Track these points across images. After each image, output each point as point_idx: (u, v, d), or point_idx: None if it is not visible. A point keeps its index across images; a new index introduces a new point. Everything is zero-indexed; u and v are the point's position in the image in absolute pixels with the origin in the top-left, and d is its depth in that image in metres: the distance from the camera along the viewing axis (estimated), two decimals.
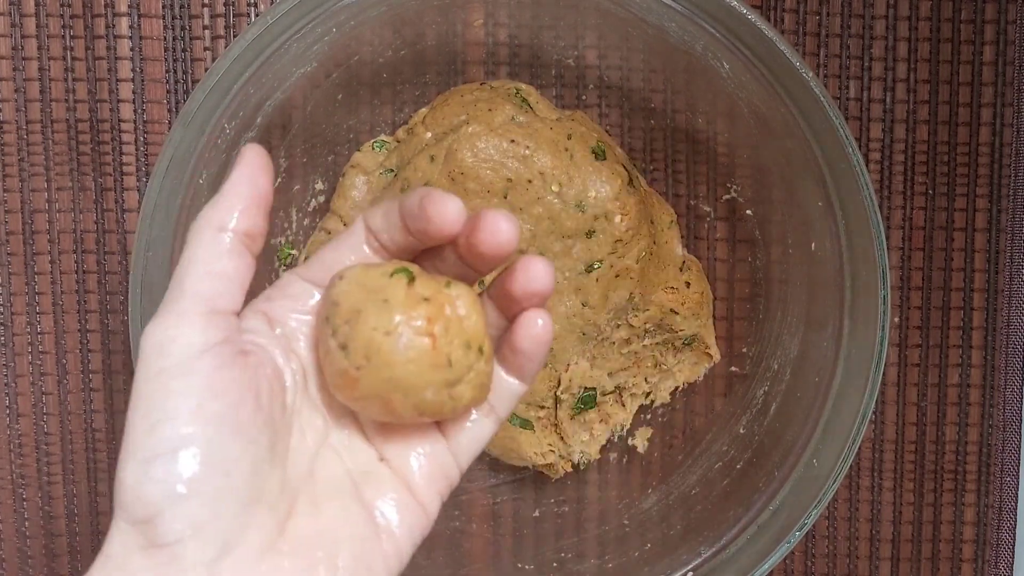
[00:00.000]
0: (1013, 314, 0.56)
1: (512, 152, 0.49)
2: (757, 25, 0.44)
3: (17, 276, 0.54)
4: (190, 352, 0.33)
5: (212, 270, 0.34)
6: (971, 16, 0.54)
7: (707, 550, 0.50)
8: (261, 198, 0.35)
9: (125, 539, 0.32)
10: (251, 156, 0.35)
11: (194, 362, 0.33)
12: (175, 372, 0.33)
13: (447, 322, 0.34)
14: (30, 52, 0.53)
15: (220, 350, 0.33)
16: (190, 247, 0.34)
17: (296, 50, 0.46)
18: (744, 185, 0.54)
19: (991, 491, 0.56)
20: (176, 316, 0.33)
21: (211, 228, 0.34)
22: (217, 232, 0.34)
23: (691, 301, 0.52)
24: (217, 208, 0.35)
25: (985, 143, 0.55)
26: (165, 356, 0.33)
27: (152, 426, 0.32)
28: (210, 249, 0.34)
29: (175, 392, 0.32)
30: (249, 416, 0.33)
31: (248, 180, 0.35)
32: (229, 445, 0.32)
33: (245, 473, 0.33)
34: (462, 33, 0.53)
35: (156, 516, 0.32)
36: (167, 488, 0.32)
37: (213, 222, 0.34)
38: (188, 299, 0.34)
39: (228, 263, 0.34)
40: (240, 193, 0.35)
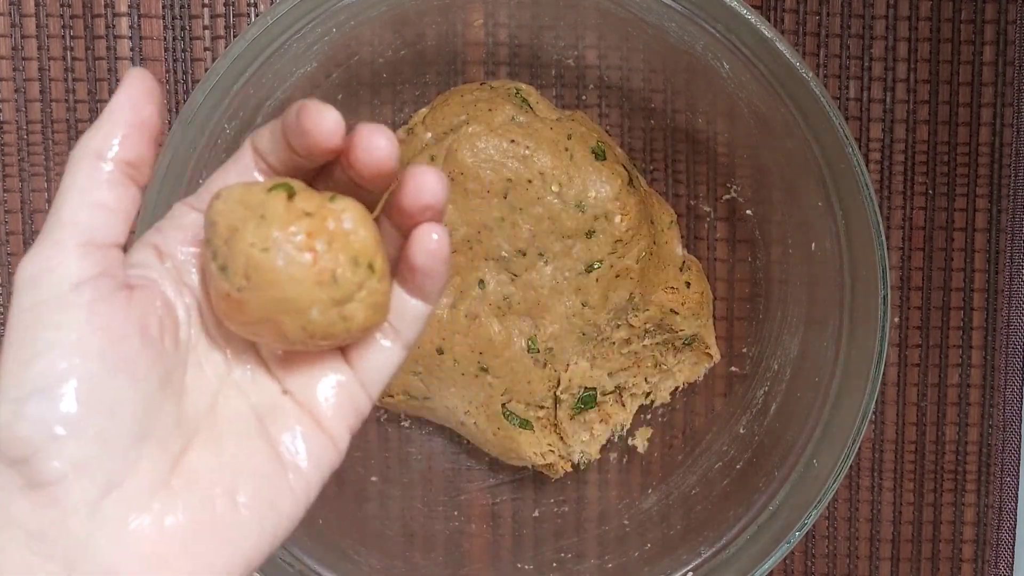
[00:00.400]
0: (1013, 314, 0.56)
1: (512, 152, 0.49)
2: (757, 25, 0.44)
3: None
4: (66, 284, 0.31)
5: (91, 200, 0.32)
6: (971, 16, 0.54)
7: (707, 550, 0.50)
8: (145, 125, 0.33)
9: (3, 481, 0.31)
10: (133, 80, 0.33)
11: (71, 295, 0.31)
12: (51, 305, 0.31)
13: (331, 237, 0.32)
14: (30, 52, 0.53)
15: (99, 283, 0.31)
16: (68, 175, 0.32)
17: (296, 50, 0.46)
18: (744, 185, 0.54)
19: (991, 491, 0.56)
20: (51, 247, 0.31)
21: (89, 156, 0.32)
22: (95, 160, 0.32)
23: (691, 301, 0.52)
24: (95, 135, 0.32)
25: (985, 143, 0.55)
26: (40, 288, 0.31)
27: (26, 361, 0.30)
28: (89, 178, 0.32)
29: (51, 325, 0.31)
30: (135, 352, 0.32)
31: (130, 105, 0.33)
32: (112, 382, 0.31)
33: (132, 411, 0.31)
34: (462, 33, 0.53)
35: (32, 456, 0.30)
36: (43, 427, 0.30)
37: (91, 149, 0.32)
38: (64, 229, 0.32)
39: (108, 193, 0.32)
40: (121, 119, 0.33)
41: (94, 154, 0.32)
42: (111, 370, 0.31)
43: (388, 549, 0.52)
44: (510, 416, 0.52)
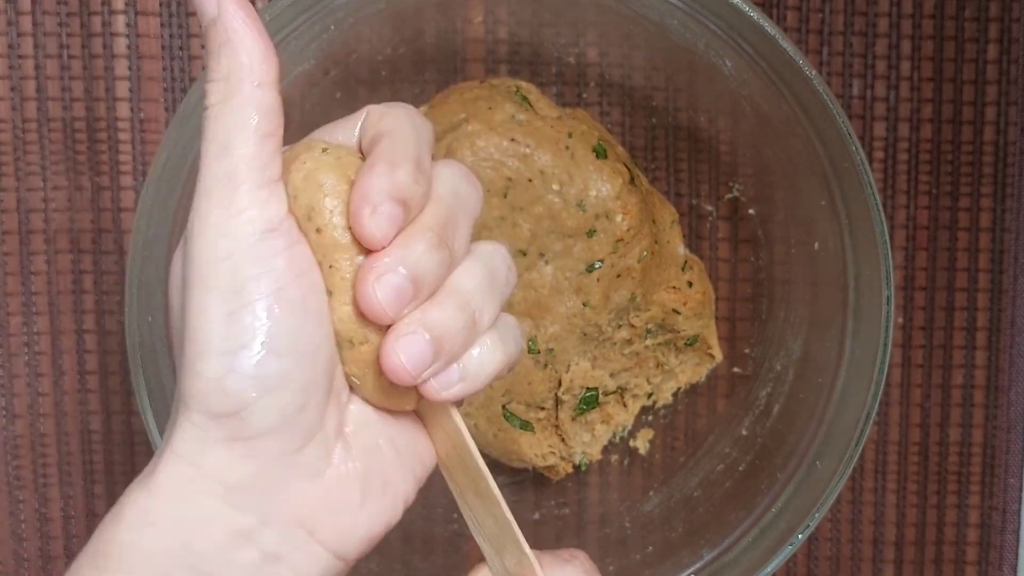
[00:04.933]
0: (1018, 314, 0.55)
1: (512, 151, 0.49)
2: (759, 22, 0.44)
3: (12, 276, 0.53)
4: (259, 230, 0.30)
5: (261, 132, 0.31)
6: (975, 14, 0.54)
7: (709, 553, 0.49)
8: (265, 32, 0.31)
9: (200, 434, 0.31)
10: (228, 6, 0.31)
11: (266, 242, 0.30)
12: (248, 255, 0.30)
13: None
14: (26, 50, 0.53)
15: (288, 225, 0.31)
16: (229, 107, 0.31)
17: (294, 48, 0.46)
18: (747, 184, 0.53)
19: (995, 493, 0.56)
20: (232, 191, 0.30)
21: (249, 83, 0.31)
22: (256, 88, 0.31)
23: (693, 301, 0.52)
24: (243, 60, 0.31)
25: (989, 142, 0.54)
26: (231, 237, 0.30)
27: (231, 314, 0.30)
28: (252, 108, 0.31)
29: (251, 277, 0.30)
30: (322, 296, 0.31)
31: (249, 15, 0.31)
32: (312, 331, 0.31)
33: (326, 358, 0.32)
34: (462, 30, 0.53)
35: (243, 409, 0.30)
36: (256, 382, 0.30)
37: (248, 75, 0.31)
38: (242, 170, 0.31)
39: (274, 121, 0.31)
40: (255, 36, 0.31)
41: (253, 81, 0.31)
42: (312, 319, 0.31)
43: (387, 552, 0.52)
44: (511, 417, 0.52)
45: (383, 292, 0.31)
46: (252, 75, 0.31)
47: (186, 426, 0.31)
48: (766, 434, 0.52)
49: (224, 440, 0.31)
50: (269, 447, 0.31)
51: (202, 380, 0.30)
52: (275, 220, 0.31)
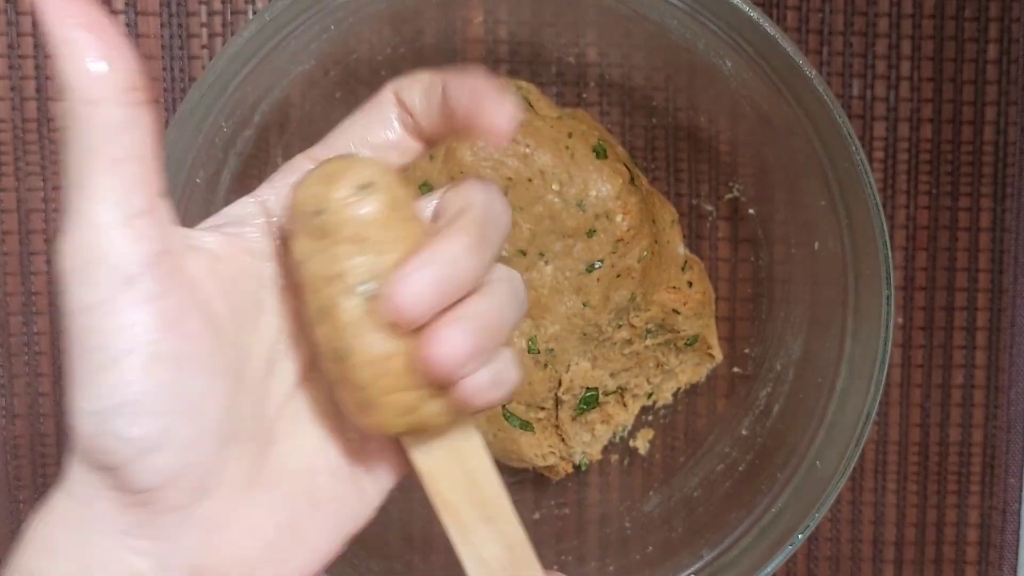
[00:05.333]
0: (1018, 314, 0.55)
1: (512, 150, 0.49)
2: (759, 22, 0.44)
3: (12, 276, 0.53)
4: (121, 278, 0.27)
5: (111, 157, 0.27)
6: (975, 14, 0.54)
7: (709, 553, 0.49)
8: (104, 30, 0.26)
9: (88, 479, 0.29)
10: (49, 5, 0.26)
11: (130, 291, 0.27)
12: (109, 307, 0.27)
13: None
14: (26, 50, 0.53)
15: (158, 269, 0.27)
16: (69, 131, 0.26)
17: (294, 48, 0.46)
18: (747, 184, 0.53)
19: (995, 493, 0.56)
20: (88, 230, 0.27)
21: (83, 103, 0.26)
22: (90, 107, 0.26)
23: (693, 301, 0.52)
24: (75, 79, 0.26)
25: (989, 142, 0.54)
26: (91, 286, 0.27)
27: (97, 371, 0.27)
28: (99, 131, 0.26)
29: (115, 330, 0.27)
30: (211, 344, 0.29)
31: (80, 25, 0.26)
32: (193, 384, 0.28)
33: (215, 412, 0.29)
34: (461, 30, 0.52)
35: (121, 467, 0.28)
36: (128, 443, 0.27)
37: (81, 94, 0.26)
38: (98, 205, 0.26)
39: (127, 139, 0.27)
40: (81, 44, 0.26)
41: (86, 100, 0.26)
42: (191, 373, 0.28)
43: (387, 552, 0.52)
44: (511, 417, 0.51)
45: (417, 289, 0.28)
46: (80, 93, 0.26)
47: (75, 468, 0.29)
48: (766, 434, 0.51)
49: (112, 489, 0.29)
50: (156, 502, 0.29)
51: (78, 436, 0.28)
52: (137, 265, 0.27)
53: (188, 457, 0.29)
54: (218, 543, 0.30)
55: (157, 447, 0.28)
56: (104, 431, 0.28)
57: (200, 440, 0.29)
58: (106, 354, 0.27)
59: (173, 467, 0.28)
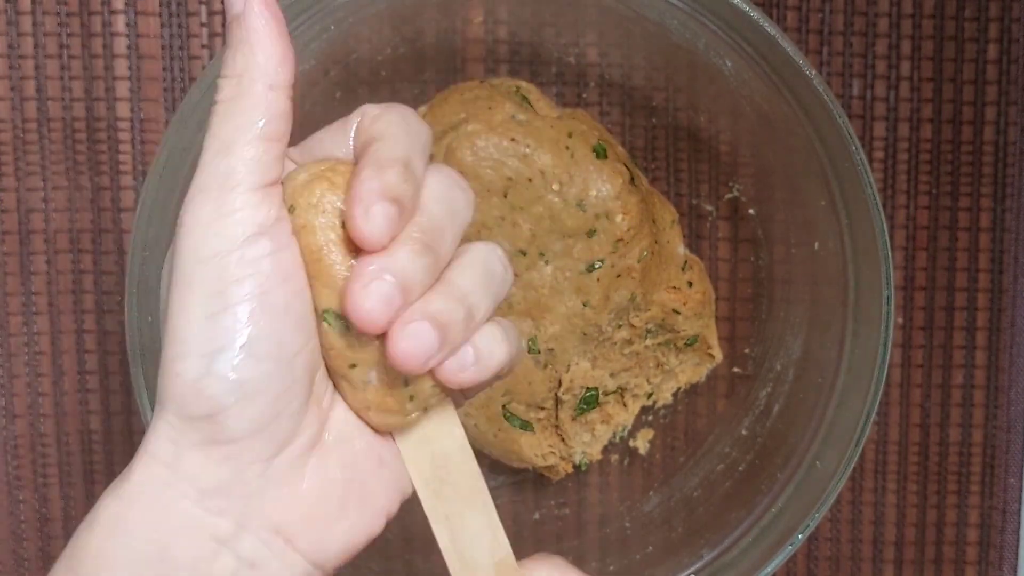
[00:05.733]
0: (1018, 314, 0.55)
1: (512, 151, 0.49)
2: (759, 22, 0.44)
3: (12, 276, 0.53)
4: (248, 233, 0.30)
5: (266, 135, 0.31)
6: (975, 14, 0.54)
7: (709, 553, 0.49)
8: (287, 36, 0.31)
9: (175, 436, 0.30)
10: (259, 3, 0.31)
11: (254, 245, 0.30)
12: (234, 256, 0.30)
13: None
14: (26, 50, 0.53)
15: (278, 230, 0.31)
16: (238, 104, 0.30)
17: (294, 47, 0.46)
18: (747, 184, 0.53)
19: (995, 493, 0.56)
20: (228, 191, 0.30)
21: (261, 84, 0.30)
22: (268, 90, 0.31)
23: (693, 301, 0.52)
24: (259, 58, 0.30)
25: (989, 142, 0.54)
26: (220, 237, 0.30)
27: (212, 315, 0.30)
28: (260, 110, 0.30)
29: (236, 279, 0.30)
30: (307, 302, 0.31)
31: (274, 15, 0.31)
32: (293, 338, 0.31)
33: (305, 367, 0.31)
34: (462, 30, 0.52)
35: (219, 413, 0.30)
36: (232, 386, 0.30)
37: (261, 76, 0.30)
38: (241, 171, 0.30)
39: (282, 126, 0.31)
40: (275, 38, 0.31)
41: (266, 83, 0.31)
42: (292, 325, 0.31)
43: (388, 552, 0.52)
44: (511, 417, 0.51)
45: (371, 300, 0.30)
46: (266, 76, 0.31)
47: (162, 427, 0.31)
48: (766, 434, 0.51)
49: (199, 443, 0.30)
50: (243, 452, 0.31)
51: (179, 381, 0.30)
52: (266, 223, 0.30)
53: (279, 407, 0.31)
54: (292, 500, 0.32)
55: (255, 392, 0.30)
56: (210, 372, 0.30)
57: (291, 391, 0.31)
58: (222, 300, 0.30)
59: (265, 415, 0.30)
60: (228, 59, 0.31)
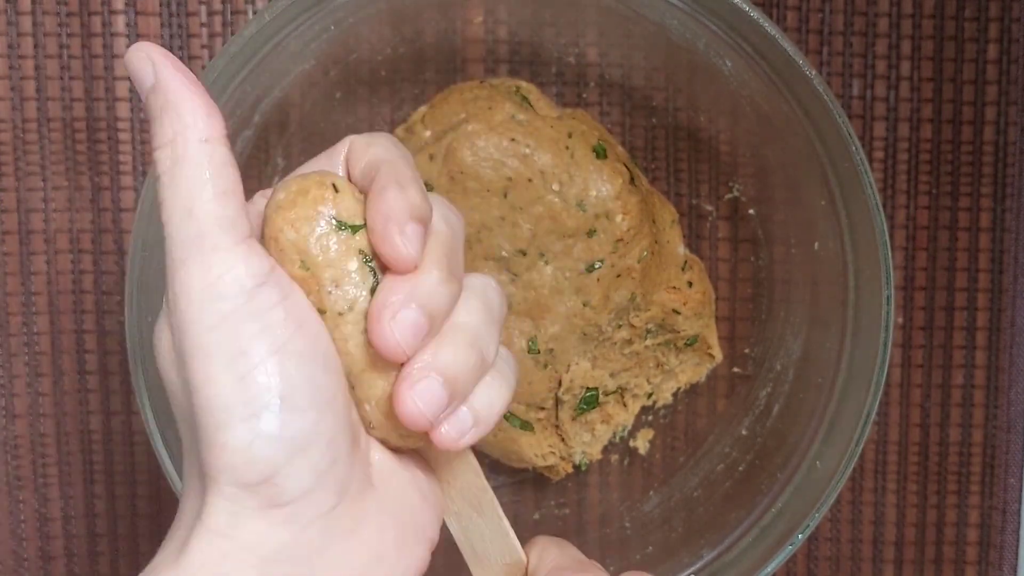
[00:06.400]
0: (1018, 314, 0.55)
1: (512, 151, 0.49)
2: (759, 22, 0.44)
3: (12, 276, 0.53)
4: (247, 287, 0.29)
5: (219, 189, 0.30)
6: (975, 14, 0.54)
7: (709, 553, 0.49)
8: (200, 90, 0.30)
9: (232, 507, 0.29)
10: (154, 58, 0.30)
11: (258, 298, 0.29)
12: (242, 315, 0.29)
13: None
14: (26, 50, 0.53)
15: (277, 277, 0.30)
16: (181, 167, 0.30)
17: (294, 47, 0.46)
18: (747, 184, 0.53)
19: (995, 493, 0.56)
20: (210, 253, 0.29)
21: (195, 141, 0.30)
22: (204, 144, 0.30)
23: (693, 301, 0.52)
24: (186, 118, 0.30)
25: (989, 142, 0.54)
26: (221, 299, 0.29)
27: (240, 378, 0.29)
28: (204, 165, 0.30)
29: (250, 336, 0.29)
30: (328, 342, 0.31)
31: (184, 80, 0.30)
32: (323, 381, 0.30)
33: (344, 406, 0.31)
34: (461, 30, 0.52)
35: (276, 474, 0.29)
36: (284, 443, 0.29)
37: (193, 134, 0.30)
38: (214, 230, 0.29)
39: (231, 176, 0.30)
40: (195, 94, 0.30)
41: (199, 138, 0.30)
42: (322, 366, 0.30)
43: None
44: (511, 418, 0.51)
45: (400, 330, 0.30)
46: (197, 132, 0.30)
47: (217, 500, 0.30)
48: (766, 434, 0.51)
49: (259, 508, 0.30)
50: (304, 509, 0.30)
51: (228, 452, 0.29)
52: (262, 274, 0.30)
53: (332, 453, 0.30)
54: (353, 550, 0.31)
55: (307, 444, 0.29)
56: (259, 435, 0.29)
57: (339, 435, 0.30)
58: (248, 360, 0.29)
59: (321, 464, 0.30)
60: (156, 130, 0.30)
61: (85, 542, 0.55)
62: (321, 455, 0.30)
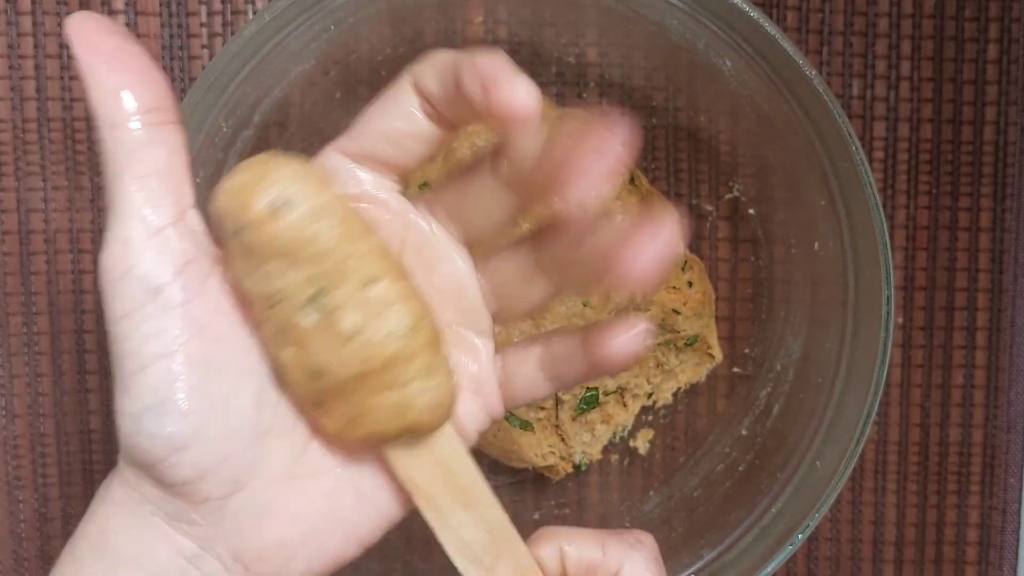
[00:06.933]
0: (1018, 314, 0.55)
1: None
2: (759, 22, 0.44)
3: (12, 276, 0.53)
4: (151, 287, 0.29)
5: (138, 174, 0.29)
6: (975, 14, 0.54)
7: (709, 553, 0.49)
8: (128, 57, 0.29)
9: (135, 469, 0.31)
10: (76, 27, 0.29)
11: (160, 299, 0.29)
12: (143, 313, 0.29)
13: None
14: (26, 50, 0.53)
15: (188, 274, 0.29)
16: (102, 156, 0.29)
17: (294, 47, 0.46)
18: (747, 184, 0.53)
19: (995, 493, 0.56)
20: (121, 244, 0.29)
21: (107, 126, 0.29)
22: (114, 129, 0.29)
23: (693, 301, 0.52)
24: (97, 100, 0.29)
25: (989, 142, 0.54)
26: (126, 295, 0.29)
27: (133, 374, 0.29)
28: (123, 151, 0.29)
29: (149, 335, 0.29)
30: (240, 345, 0.31)
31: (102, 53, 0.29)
32: (222, 383, 0.30)
33: (247, 409, 0.31)
34: (461, 30, 0.52)
35: (155, 464, 0.30)
36: (161, 441, 0.30)
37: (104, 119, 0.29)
38: (128, 221, 0.29)
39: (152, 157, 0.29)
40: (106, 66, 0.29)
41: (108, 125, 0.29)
42: (218, 371, 0.30)
43: (387, 552, 0.52)
44: (511, 418, 0.51)
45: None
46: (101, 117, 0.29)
47: (122, 461, 0.32)
48: (766, 434, 0.51)
49: (152, 480, 0.31)
50: (192, 493, 0.31)
51: (120, 433, 0.30)
52: (165, 275, 0.29)
53: (220, 452, 0.30)
54: (259, 529, 0.32)
55: (188, 444, 0.30)
56: (139, 430, 0.30)
57: (230, 436, 0.31)
58: (138, 360, 0.29)
59: (205, 462, 0.30)
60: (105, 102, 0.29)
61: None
62: (204, 454, 0.30)
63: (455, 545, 0.34)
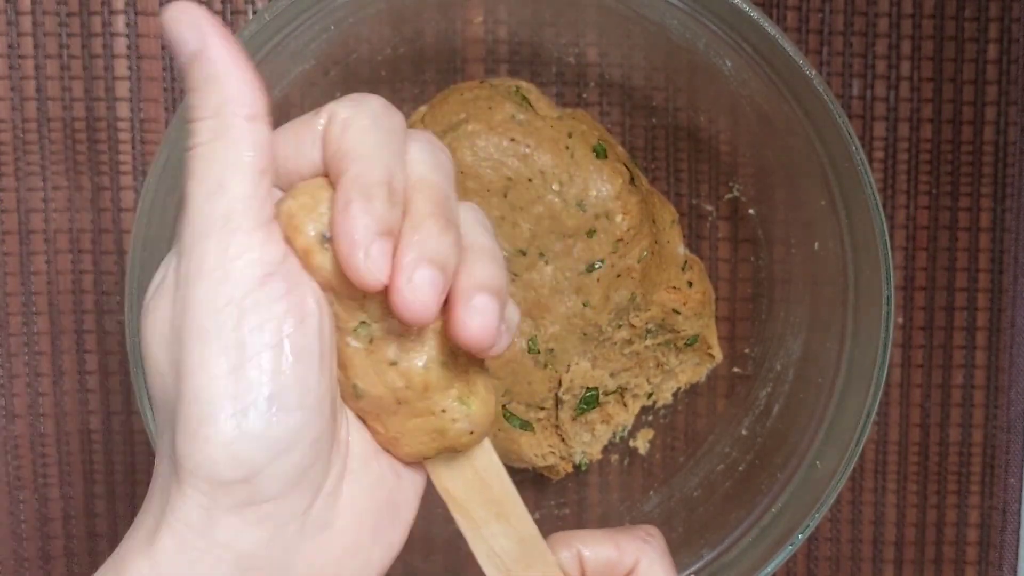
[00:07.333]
0: (1017, 314, 0.55)
1: (512, 151, 0.49)
2: (759, 22, 0.44)
3: (12, 276, 0.53)
4: (258, 275, 0.28)
5: (256, 168, 0.29)
6: (975, 14, 0.54)
7: (709, 553, 0.49)
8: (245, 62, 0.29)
9: (205, 501, 0.28)
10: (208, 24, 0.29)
11: (265, 288, 0.28)
12: (248, 302, 0.28)
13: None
14: (26, 50, 0.53)
15: (288, 267, 0.29)
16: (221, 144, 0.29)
17: (294, 47, 0.46)
18: (747, 184, 0.53)
19: (995, 493, 0.56)
20: (230, 233, 0.28)
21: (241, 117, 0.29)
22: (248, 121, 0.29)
23: (693, 301, 0.52)
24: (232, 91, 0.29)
25: (989, 142, 0.54)
26: (232, 283, 0.28)
27: (234, 369, 0.28)
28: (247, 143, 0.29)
29: (254, 327, 0.28)
30: (328, 339, 0.30)
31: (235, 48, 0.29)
32: (315, 381, 0.29)
33: (331, 406, 0.30)
34: (461, 30, 0.52)
35: (256, 475, 0.28)
36: (268, 443, 0.28)
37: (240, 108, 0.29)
38: (240, 210, 0.28)
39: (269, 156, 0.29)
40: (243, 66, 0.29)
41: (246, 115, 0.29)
42: (317, 366, 0.29)
43: None
44: (511, 417, 0.51)
45: (420, 291, 0.28)
46: (244, 108, 0.29)
47: (190, 493, 0.29)
48: (766, 434, 0.51)
49: (234, 507, 0.29)
50: (281, 509, 0.29)
51: (209, 446, 0.28)
52: (274, 262, 0.29)
53: (315, 453, 0.29)
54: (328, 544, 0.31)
55: (291, 446, 0.29)
56: (244, 433, 0.28)
57: (323, 436, 0.30)
58: (244, 352, 0.28)
59: (301, 466, 0.29)
60: (198, 101, 0.29)
61: (85, 542, 0.55)
62: (303, 456, 0.29)
63: (486, 555, 0.35)
